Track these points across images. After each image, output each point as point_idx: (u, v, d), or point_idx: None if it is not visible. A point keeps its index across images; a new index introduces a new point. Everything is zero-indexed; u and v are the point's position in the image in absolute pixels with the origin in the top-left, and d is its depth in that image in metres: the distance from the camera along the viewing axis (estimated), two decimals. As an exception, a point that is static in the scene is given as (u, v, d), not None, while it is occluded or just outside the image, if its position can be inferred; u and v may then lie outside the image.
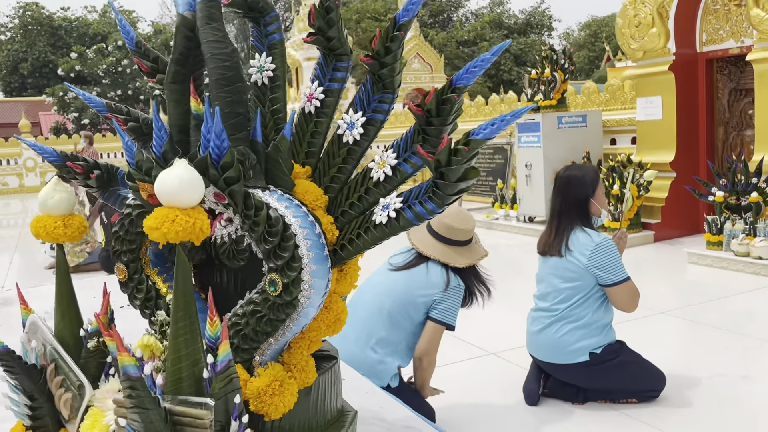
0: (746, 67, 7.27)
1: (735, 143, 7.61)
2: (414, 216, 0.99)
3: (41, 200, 1.09)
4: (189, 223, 0.86)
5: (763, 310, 5.12)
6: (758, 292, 5.46)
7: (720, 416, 3.29)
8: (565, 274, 3.44)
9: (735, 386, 3.67)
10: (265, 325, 1.03)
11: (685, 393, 3.57)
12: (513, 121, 0.88)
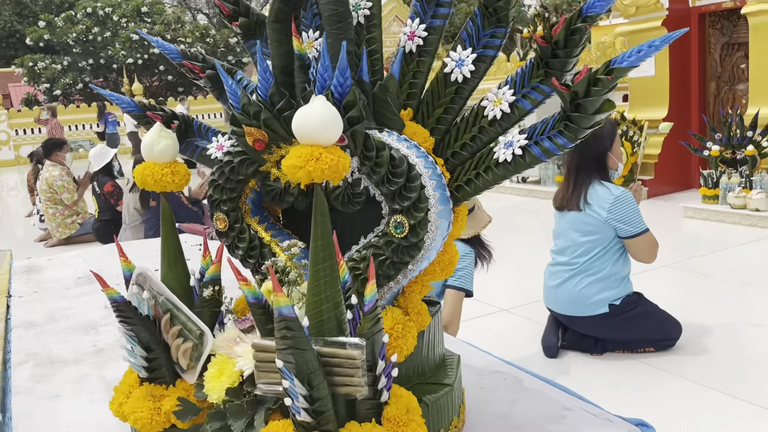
0: (739, 21, 7.29)
1: (727, 98, 7.67)
2: (542, 152, 0.97)
3: (147, 148, 1.05)
4: (334, 161, 0.84)
5: (763, 261, 5.22)
6: (757, 243, 5.56)
7: (736, 362, 3.38)
8: (584, 228, 3.46)
9: (747, 333, 3.76)
10: (387, 268, 1.01)
11: (701, 341, 3.65)
12: (662, 46, 0.87)
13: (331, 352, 0.86)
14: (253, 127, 1.05)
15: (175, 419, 1.02)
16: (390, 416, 0.90)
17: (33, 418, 1.34)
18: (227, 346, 1.01)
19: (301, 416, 0.84)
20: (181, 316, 1.03)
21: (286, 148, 1.08)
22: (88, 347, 1.72)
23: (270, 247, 1.15)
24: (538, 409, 1.20)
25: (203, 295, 1.05)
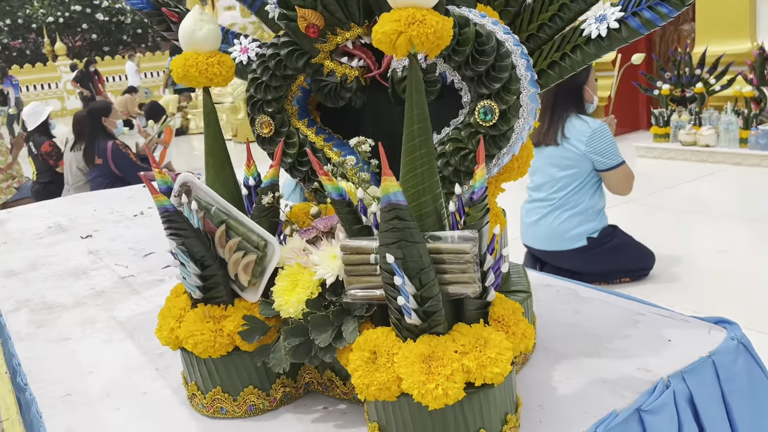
0: (683, -39, 7.35)
1: (672, 38, 7.79)
2: (642, 23, 0.88)
3: (187, 34, 0.90)
4: (439, 24, 0.72)
5: (715, 193, 5.39)
6: (709, 177, 5.72)
7: (707, 286, 3.47)
8: (562, 162, 3.44)
9: (714, 260, 3.86)
10: (471, 162, 0.91)
11: (672, 270, 3.73)
12: None
13: (439, 248, 0.76)
14: (308, 9, 0.92)
15: (239, 340, 0.91)
16: (497, 316, 0.81)
17: (46, 361, 1.19)
18: (296, 257, 0.90)
19: (411, 318, 0.75)
20: (239, 227, 0.91)
21: (343, 35, 0.95)
22: (86, 291, 1.56)
23: (324, 153, 1.03)
24: (606, 316, 1.14)
25: (262, 202, 0.93)
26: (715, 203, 5.11)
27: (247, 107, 1.04)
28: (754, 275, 3.57)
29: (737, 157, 5.90)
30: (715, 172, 5.85)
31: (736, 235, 4.31)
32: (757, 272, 3.62)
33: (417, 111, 0.77)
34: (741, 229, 4.46)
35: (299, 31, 0.95)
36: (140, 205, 2.52)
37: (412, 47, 0.73)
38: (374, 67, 0.99)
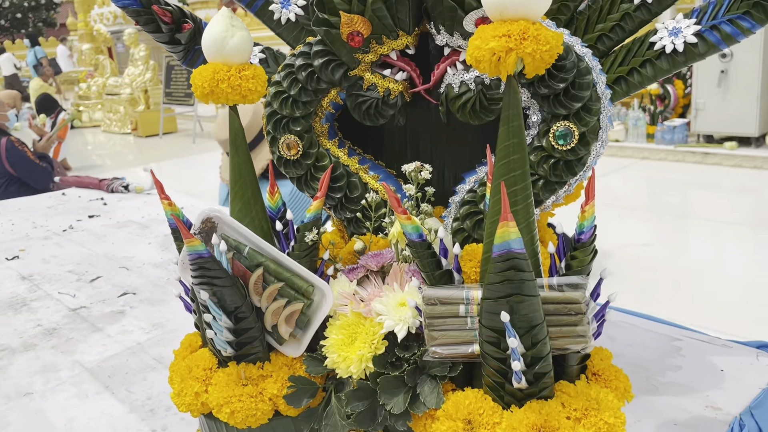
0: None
1: (578, 36, 8.06)
2: (722, 38, 0.81)
3: (216, 42, 0.73)
4: (555, 41, 0.61)
5: (626, 187, 5.61)
6: (620, 171, 5.96)
7: (640, 281, 3.59)
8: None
9: (642, 252, 4.01)
10: (540, 191, 0.82)
11: (604, 265, 3.83)
12: None
13: (547, 297, 0.66)
14: (354, 14, 0.78)
15: (283, 404, 0.76)
16: (597, 370, 0.72)
17: (10, 426, 0.99)
18: (350, 303, 0.77)
19: (520, 383, 0.64)
20: (280, 270, 0.76)
21: (390, 44, 0.83)
22: (32, 328, 1.34)
23: (359, 177, 0.90)
24: (644, 344, 1.08)
25: (304, 240, 0.79)
26: (627, 197, 5.33)
27: (267, 125, 0.89)
28: (679, 267, 3.73)
29: (645, 151, 6.19)
30: (625, 166, 6.10)
31: (653, 228, 4.51)
32: (680, 264, 3.79)
33: (516, 140, 0.66)
34: (654, 221, 4.67)
35: (340, 40, 0.81)
36: (65, 217, 2.25)
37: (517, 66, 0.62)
38: (419, 81, 0.87)
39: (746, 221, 4.48)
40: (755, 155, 5.55)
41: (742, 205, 4.91)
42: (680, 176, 5.64)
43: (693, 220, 4.63)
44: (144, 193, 2.54)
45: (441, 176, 0.97)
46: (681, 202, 5.20)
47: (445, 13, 0.78)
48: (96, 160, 10.01)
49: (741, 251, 3.98)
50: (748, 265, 3.75)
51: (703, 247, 4.06)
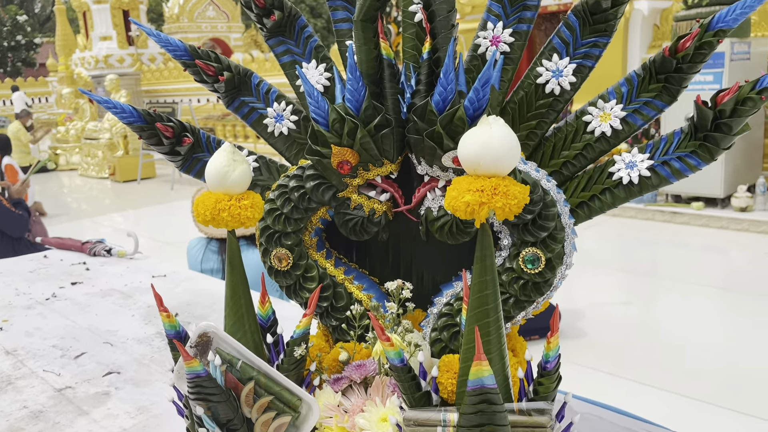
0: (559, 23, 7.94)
1: (552, 94, 8.34)
2: (672, 173, 0.91)
3: (219, 176, 0.81)
4: (522, 195, 0.70)
5: (600, 244, 5.75)
6: (593, 229, 6.11)
7: (612, 341, 3.67)
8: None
9: (614, 312, 4.11)
10: (511, 308, 0.90)
11: (578, 324, 3.92)
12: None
13: (515, 421, 0.72)
14: (344, 147, 0.87)
15: None
16: (562, 482, 0.78)
17: None
18: (335, 416, 0.83)
19: (491, 505, 0.70)
20: (271, 384, 0.82)
21: (375, 171, 0.91)
22: (18, 410, 1.37)
23: (345, 287, 0.97)
24: (606, 435, 1.15)
25: (293, 354, 0.85)
26: (596, 255, 5.46)
27: (260, 237, 0.96)
28: (649, 328, 3.83)
29: (616, 209, 6.35)
30: (598, 223, 6.25)
31: (625, 286, 4.62)
32: (650, 324, 3.89)
33: (490, 277, 0.74)
34: (625, 280, 4.79)
35: (330, 167, 0.89)
36: (48, 283, 2.28)
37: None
38: (401, 201, 0.95)
39: (714, 282, 4.61)
40: (721, 216, 5.75)
41: (709, 265, 5.07)
42: (650, 234, 5.81)
43: (663, 280, 4.76)
44: (127, 258, 2.57)
45: (420, 281, 1.04)
46: (651, 260, 5.34)
47: (425, 150, 0.86)
48: (71, 204, 9.97)
49: (709, 313, 4.10)
50: (715, 328, 3.86)
51: (672, 307, 4.17)
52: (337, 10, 1.04)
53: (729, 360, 3.36)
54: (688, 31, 0.90)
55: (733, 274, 4.83)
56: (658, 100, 0.94)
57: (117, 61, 14.80)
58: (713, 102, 0.87)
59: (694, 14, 5.82)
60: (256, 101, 1.08)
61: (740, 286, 4.47)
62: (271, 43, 1.07)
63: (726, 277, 4.80)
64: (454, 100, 0.84)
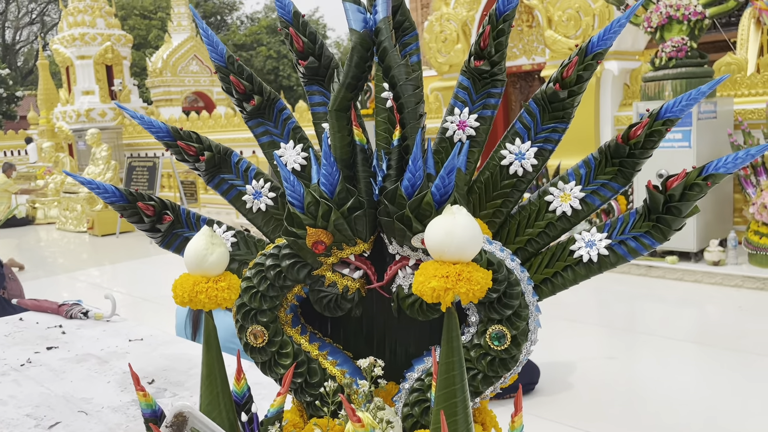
0: (534, 82, 8.20)
1: (528, 149, 8.53)
2: (628, 252, 0.96)
3: (198, 258, 0.85)
4: (485, 280, 0.74)
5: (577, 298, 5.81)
6: (571, 281, 6.17)
7: (590, 397, 3.68)
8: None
9: (592, 367, 4.13)
10: (479, 384, 0.93)
11: (556, 381, 3.93)
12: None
13: (482, 498, 0.75)
14: (319, 228, 0.91)
15: None
16: None
17: None
18: (309, 494, 0.85)
19: None
20: (246, 463, 0.84)
21: (348, 250, 0.95)
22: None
23: (319, 363, 1.00)
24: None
25: (268, 432, 0.87)
26: (574, 308, 5.51)
27: (236, 315, 0.99)
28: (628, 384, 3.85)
29: (593, 262, 6.44)
30: (574, 276, 6.32)
31: (602, 341, 4.66)
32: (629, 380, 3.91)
33: (457, 358, 0.77)
34: (604, 334, 4.83)
35: (305, 247, 0.93)
36: (23, 347, 2.26)
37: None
38: (374, 278, 0.99)
39: (690, 337, 4.67)
40: (695, 269, 5.85)
41: (685, 319, 5.13)
42: (627, 288, 5.88)
43: (641, 335, 4.81)
44: (104, 320, 2.56)
45: (393, 354, 1.07)
46: (629, 314, 5.40)
47: (395, 231, 0.91)
48: (48, 258, 9.85)
49: (687, 368, 4.14)
50: (693, 384, 3.89)
51: (651, 362, 4.20)
52: (313, 95, 1.10)
53: (707, 417, 3.39)
54: (639, 120, 0.97)
55: (708, 329, 4.89)
56: (614, 182, 1.00)
57: (99, 115, 14.89)
58: (664, 186, 0.93)
59: (661, 75, 6.05)
60: (235, 178, 1.13)
61: (716, 340, 4.52)
62: (250, 124, 1.12)
63: (702, 331, 4.86)
64: (423, 184, 0.89)
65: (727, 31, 10.42)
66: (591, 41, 0.97)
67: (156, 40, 28.47)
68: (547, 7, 7.21)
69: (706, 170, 0.92)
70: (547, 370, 4.02)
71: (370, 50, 0.93)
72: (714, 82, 0.93)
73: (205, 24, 1.07)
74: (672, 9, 5.97)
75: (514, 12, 0.99)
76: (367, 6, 0.98)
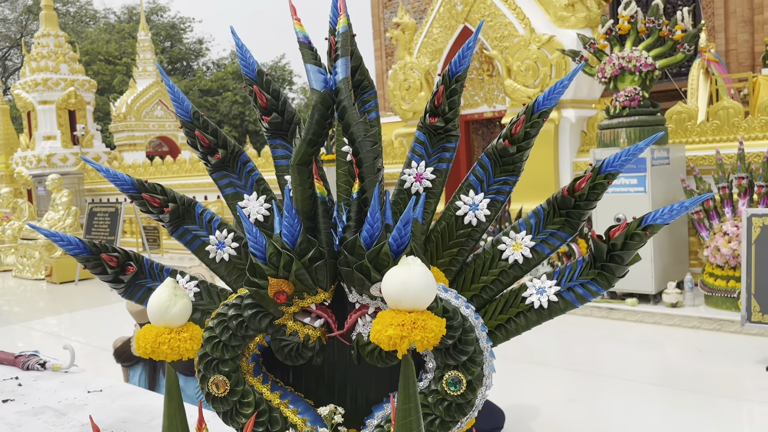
0: (495, 128, 8.42)
1: (491, 194, 8.70)
2: (576, 298, 1.01)
3: (160, 311, 0.86)
4: (438, 327, 0.78)
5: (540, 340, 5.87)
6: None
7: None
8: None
9: (556, 411, 4.16)
10: (437, 428, 0.96)
11: (521, 425, 3.94)
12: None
13: None
14: (281, 278, 0.94)
15: None
16: None
17: None
18: None
19: None
20: None
21: (309, 299, 0.99)
22: None
23: (281, 411, 1.02)
24: None
25: (230, 481, 0.88)
26: (537, 350, 5.57)
27: (198, 365, 1.01)
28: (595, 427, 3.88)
29: (555, 305, 6.53)
30: (538, 319, 6.38)
31: (566, 384, 4.70)
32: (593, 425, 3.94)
33: (413, 404, 0.80)
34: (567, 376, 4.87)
35: (267, 297, 0.96)
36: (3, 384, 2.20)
37: (409, 345, 0.78)
38: (335, 326, 1.02)
39: (652, 379, 4.74)
40: (654, 311, 5.98)
41: (646, 361, 5.21)
42: (589, 330, 5.96)
43: (603, 377, 4.86)
44: (61, 372, 2.51)
45: (354, 401, 1.09)
46: (591, 356, 5.46)
47: (355, 281, 0.95)
48: (2, 307, 9.56)
49: (649, 410, 4.19)
50: (656, 427, 3.94)
51: (614, 405, 4.25)
52: (276, 148, 1.14)
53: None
54: (583, 174, 1.03)
55: (669, 371, 4.98)
56: (562, 231, 1.06)
57: (60, 160, 14.71)
58: (607, 236, 0.99)
59: (616, 123, 6.28)
60: (199, 229, 1.16)
61: (677, 382, 4.60)
62: (215, 176, 1.16)
63: (663, 373, 4.93)
64: (381, 235, 0.93)
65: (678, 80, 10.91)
66: (537, 101, 1.04)
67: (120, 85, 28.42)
68: (506, 58, 7.47)
69: (645, 221, 0.98)
70: (512, 413, 4.03)
71: (331, 108, 0.98)
72: (649, 139, 1.00)
73: (171, 81, 1.11)
74: (624, 60, 6.25)
75: (465, 73, 1.05)
76: (328, 67, 1.03)
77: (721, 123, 6.53)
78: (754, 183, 5.83)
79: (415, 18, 14.18)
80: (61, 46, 15.10)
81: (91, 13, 35.61)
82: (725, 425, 3.79)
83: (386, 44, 17.74)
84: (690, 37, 6.20)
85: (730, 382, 4.48)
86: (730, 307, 5.68)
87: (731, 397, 4.21)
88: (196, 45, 35.19)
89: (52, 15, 15.25)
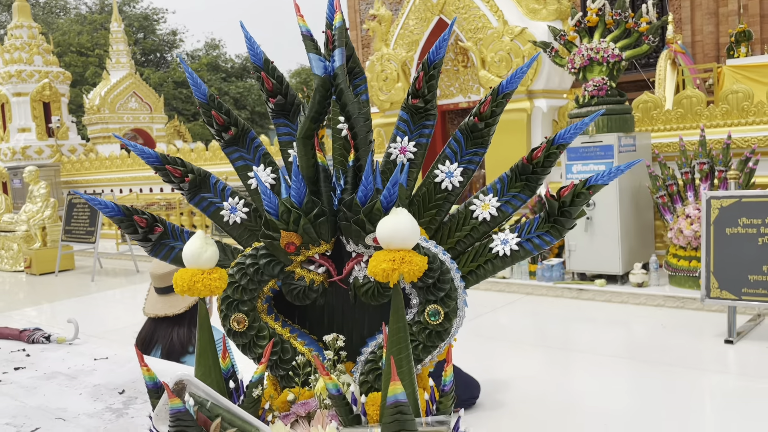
0: (471, 119, 8.65)
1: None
2: (534, 247, 1.22)
3: (194, 256, 1.06)
4: (421, 262, 0.99)
5: (514, 320, 6.13)
6: (508, 306, 6.51)
7: (528, 412, 3.95)
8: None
9: (530, 384, 4.41)
10: (421, 352, 1.16)
11: (496, 396, 4.19)
12: (625, 170, 1.18)
13: (423, 430, 0.98)
14: (291, 231, 1.14)
15: None
16: (461, 480, 1.04)
17: None
18: (285, 443, 1.06)
19: (409, 491, 0.95)
20: (234, 419, 1.05)
21: (314, 249, 1.19)
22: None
23: (290, 343, 1.22)
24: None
25: (252, 395, 1.08)
26: (513, 330, 5.83)
27: (221, 305, 1.20)
28: (564, 399, 4.13)
29: (528, 287, 6.82)
30: (513, 301, 6.66)
31: (539, 360, 4.95)
32: (565, 396, 4.19)
33: (401, 324, 1.01)
34: (540, 353, 5.13)
35: (279, 247, 1.16)
36: (-10, 368, 2.36)
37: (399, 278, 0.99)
38: (335, 273, 1.22)
39: (619, 353, 5.02)
40: (621, 291, 6.28)
41: (614, 337, 5.50)
42: (560, 310, 6.24)
43: (574, 353, 5.13)
44: (66, 344, 2.68)
45: (350, 338, 1.30)
46: (563, 334, 5.73)
47: (352, 233, 1.15)
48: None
49: (617, 381, 4.46)
50: (625, 395, 4.20)
51: (584, 378, 4.51)
52: (280, 126, 1.34)
53: (635, 425, 3.69)
54: (540, 144, 1.24)
55: (635, 345, 5.26)
56: (522, 193, 1.27)
57: (35, 152, 14.64)
58: (558, 195, 1.20)
59: (585, 112, 6.55)
60: (213, 197, 1.35)
61: (642, 355, 4.89)
62: (227, 151, 1.35)
63: (629, 348, 5.22)
64: (373, 195, 1.14)
65: (647, 71, 11.25)
66: (501, 84, 1.25)
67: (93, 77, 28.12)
68: (480, 49, 7.70)
69: (588, 182, 1.19)
70: (488, 386, 4.27)
71: (329, 90, 1.17)
72: (591, 117, 1.21)
73: (190, 68, 1.30)
74: (592, 52, 6.51)
75: (441, 61, 1.25)
76: (326, 55, 1.23)
77: (684, 111, 6.83)
78: (714, 168, 6.13)
79: (392, 10, 14.34)
80: (35, 37, 14.99)
81: (62, 4, 35.10)
82: (687, 393, 4.07)
83: (362, 35, 17.90)
84: (654, 29, 6.48)
85: (692, 354, 4.77)
86: (692, 285, 5.99)
87: (692, 368, 4.49)
88: (169, 36, 34.92)
89: (25, 6, 15.12)
